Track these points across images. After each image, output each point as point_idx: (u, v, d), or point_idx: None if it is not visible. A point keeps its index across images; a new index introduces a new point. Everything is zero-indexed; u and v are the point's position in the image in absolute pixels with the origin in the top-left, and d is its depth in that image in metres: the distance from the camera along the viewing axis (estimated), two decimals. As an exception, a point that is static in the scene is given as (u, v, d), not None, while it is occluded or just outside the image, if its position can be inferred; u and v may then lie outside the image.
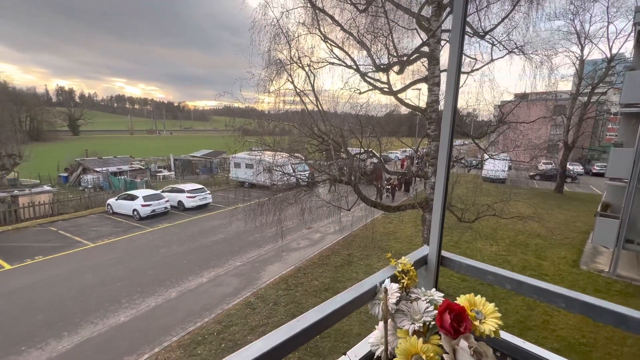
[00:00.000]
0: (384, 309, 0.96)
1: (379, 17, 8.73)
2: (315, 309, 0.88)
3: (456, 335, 0.80)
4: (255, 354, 0.71)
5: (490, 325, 0.84)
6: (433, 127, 8.88)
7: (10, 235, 15.21)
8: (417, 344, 0.85)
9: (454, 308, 0.83)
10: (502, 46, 8.81)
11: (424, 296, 1.03)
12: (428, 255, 1.25)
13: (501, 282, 1.10)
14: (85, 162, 27.65)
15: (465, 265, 1.21)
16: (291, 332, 0.79)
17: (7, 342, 7.71)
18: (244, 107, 10.78)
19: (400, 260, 1.10)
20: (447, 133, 1.16)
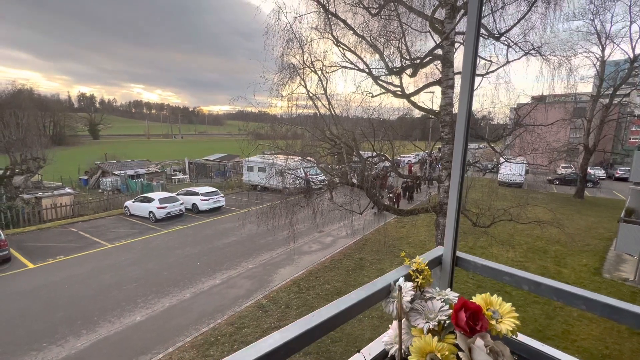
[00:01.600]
0: (398, 307, 0.96)
1: (392, 20, 8.73)
2: (331, 304, 0.89)
3: (472, 333, 0.80)
4: (272, 345, 0.72)
5: (508, 325, 0.83)
6: (447, 130, 8.76)
7: (34, 235, 15.83)
8: (432, 342, 0.85)
9: (470, 306, 0.82)
10: (518, 48, 8.65)
11: (439, 296, 1.03)
12: (442, 256, 1.24)
13: (518, 282, 1.08)
14: (104, 165, 28.57)
15: (481, 266, 1.19)
16: (307, 326, 0.80)
17: (29, 338, 8.00)
18: (257, 112, 10.94)
19: (415, 260, 1.10)
20: (462, 135, 1.16)
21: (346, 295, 0.94)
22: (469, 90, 1.14)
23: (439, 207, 9.05)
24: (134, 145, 71.89)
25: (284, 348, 0.74)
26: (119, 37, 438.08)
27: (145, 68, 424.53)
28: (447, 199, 8.87)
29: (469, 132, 1.19)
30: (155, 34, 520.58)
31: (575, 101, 22.30)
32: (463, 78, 1.16)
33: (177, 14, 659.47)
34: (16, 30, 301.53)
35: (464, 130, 1.17)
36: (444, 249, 1.25)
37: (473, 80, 1.16)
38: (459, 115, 1.18)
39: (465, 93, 1.15)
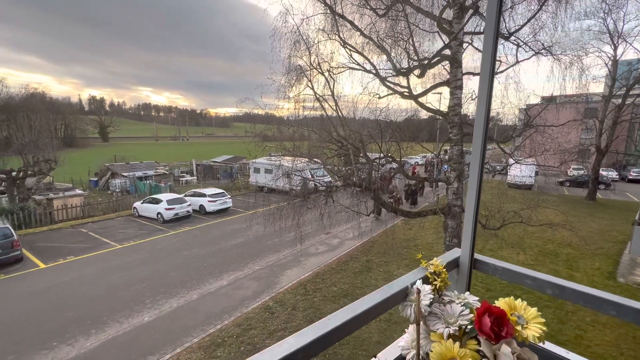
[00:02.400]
0: (417, 311, 0.92)
1: (399, 20, 8.68)
2: (346, 307, 0.86)
3: (497, 340, 0.76)
4: (288, 350, 0.70)
5: (534, 331, 0.79)
6: (455, 131, 8.66)
7: (45, 235, 16.10)
8: (453, 348, 0.82)
9: (494, 311, 0.78)
10: (528, 47, 8.52)
11: (458, 299, 0.99)
12: (460, 258, 1.21)
13: (541, 286, 1.04)
14: (113, 167, 28.97)
15: (501, 269, 1.15)
16: (323, 330, 0.77)
17: (40, 337, 8.11)
18: (264, 114, 10.97)
19: (432, 262, 1.06)
20: (481, 136, 1.13)
21: (362, 299, 0.91)
22: (487, 91, 1.12)
23: (447, 209, 8.94)
24: (142, 147, 72.84)
25: (300, 353, 0.71)
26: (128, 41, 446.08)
27: (154, 71, 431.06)
28: (455, 201, 8.78)
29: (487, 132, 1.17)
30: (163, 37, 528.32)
31: (587, 101, 21.88)
32: (481, 78, 1.14)
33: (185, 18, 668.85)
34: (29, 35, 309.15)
35: (482, 131, 1.14)
36: (461, 251, 1.21)
37: (492, 80, 1.13)
38: (477, 116, 1.16)
39: (484, 93, 1.12)
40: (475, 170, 1.18)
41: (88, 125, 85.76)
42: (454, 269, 1.21)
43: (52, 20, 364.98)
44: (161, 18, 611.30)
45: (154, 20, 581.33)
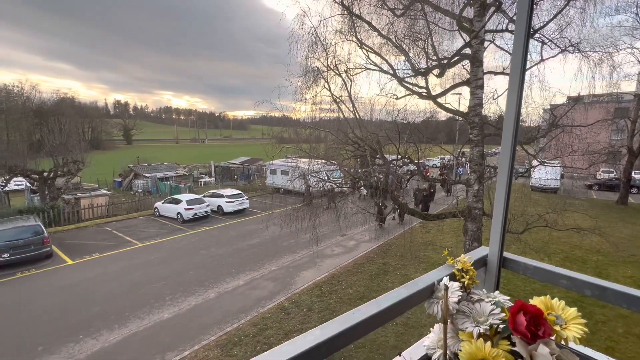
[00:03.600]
0: (444, 309, 0.89)
1: (418, 20, 8.56)
2: (372, 301, 0.84)
3: (533, 340, 0.72)
4: (313, 342, 0.68)
5: (575, 332, 0.74)
6: (476, 131, 8.43)
7: (73, 233, 16.85)
8: (485, 347, 0.78)
9: (530, 309, 0.74)
10: (553, 44, 8.19)
11: (488, 298, 0.95)
12: (488, 256, 1.15)
13: (579, 287, 0.98)
14: (136, 168, 30.03)
15: (533, 268, 1.09)
16: (348, 323, 0.75)
17: (68, 330, 8.46)
18: (280, 116, 11.06)
19: (459, 259, 1.02)
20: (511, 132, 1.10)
21: (386, 294, 0.89)
22: (518, 90, 1.09)
23: (467, 211, 8.69)
24: (163, 149, 75.17)
25: (325, 345, 0.70)
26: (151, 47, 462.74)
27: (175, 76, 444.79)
28: (476, 203, 8.53)
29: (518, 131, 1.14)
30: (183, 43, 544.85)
31: (618, 101, 20.79)
32: (511, 77, 1.11)
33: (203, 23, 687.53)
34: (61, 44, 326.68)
35: (513, 127, 1.11)
36: (489, 249, 1.16)
37: (522, 79, 1.11)
38: (506, 116, 1.14)
39: (514, 93, 1.09)
40: (505, 166, 1.13)
41: (113, 128, 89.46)
42: (481, 268, 1.17)
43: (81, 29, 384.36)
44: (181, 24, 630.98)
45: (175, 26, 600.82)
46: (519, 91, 1.09)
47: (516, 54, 1.09)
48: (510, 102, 1.12)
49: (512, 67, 1.12)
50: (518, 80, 1.09)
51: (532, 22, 1.09)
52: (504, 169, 1.13)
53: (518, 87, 1.09)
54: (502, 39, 8.90)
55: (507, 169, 1.10)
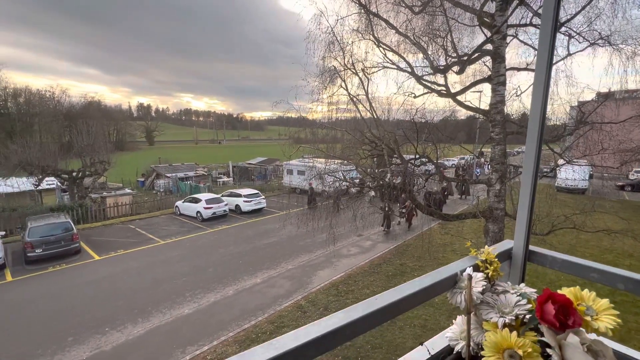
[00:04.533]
0: (468, 299, 0.88)
1: (437, 16, 8.41)
2: (393, 289, 0.84)
3: (562, 329, 0.70)
4: (336, 324, 0.70)
5: (607, 323, 0.72)
6: (497, 129, 8.18)
7: (99, 230, 17.62)
8: (510, 337, 0.76)
9: (559, 299, 0.72)
10: (582, 38, 7.84)
11: (513, 289, 0.93)
12: (513, 249, 1.13)
13: (611, 280, 0.94)
14: (158, 168, 31.03)
15: (561, 261, 1.06)
16: (370, 308, 0.76)
17: (95, 322, 8.86)
18: (297, 117, 11.14)
19: (483, 250, 1.01)
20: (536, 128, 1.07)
21: (409, 282, 0.89)
22: (544, 86, 1.06)
23: (488, 211, 8.45)
24: (183, 150, 77.27)
25: (349, 328, 0.71)
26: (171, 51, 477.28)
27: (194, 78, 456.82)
28: (497, 204, 8.28)
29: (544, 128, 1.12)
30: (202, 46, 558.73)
31: (652, 96, 19.59)
32: (537, 73, 1.09)
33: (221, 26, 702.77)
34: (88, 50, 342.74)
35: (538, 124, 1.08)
36: (514, 242, 1.13)
37: (549, 75, 1.08)
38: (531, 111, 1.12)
39: (540, 89, 1.07)
40: (532, 157, 1.10)
41: (136, 130, 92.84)
42: (505, 261, 1.14)
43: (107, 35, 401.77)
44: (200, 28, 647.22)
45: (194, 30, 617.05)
46: (545, 87, 1.07)
47: (542, 48, 1.06)
48: (535, 99, 1.09)
49: (537, 62, 1.10)
50: (544, 76, 1.06)
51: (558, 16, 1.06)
52: (530, 158, 1.10)
53: (544, 83, 1.06)
54: (526, 33, 8.61)
55: (534, 157, 1.08)
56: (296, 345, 0.64)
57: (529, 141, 1.12)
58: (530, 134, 1.11)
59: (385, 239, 15.37)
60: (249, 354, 0.60)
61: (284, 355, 0.61)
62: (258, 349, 0.62)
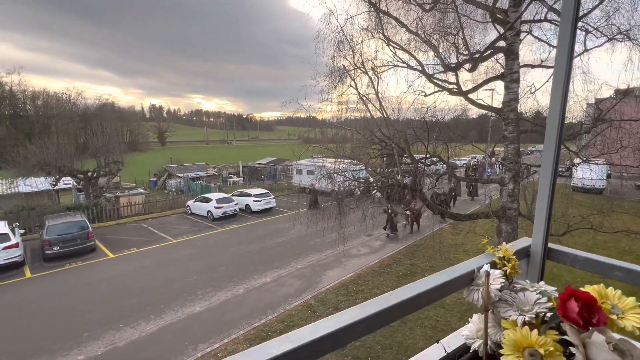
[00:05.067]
0: (485, 296, 0.86)
1: (448, 13, 8.30)
2: (409, 285, 0.83)
3: (586, 327, 0.68)
4: (352, 319, 0.69)
5: (634, 321, 0.69)
6: (511, 128, 8.02)
7: (113, 229, 18.02)
8: (531, 335, 0.74)
9: (582, 296, 0.70)
10: (599, 33, 7.62)
11: (532, 287, 0.91)
12: (531, 247, 1.10)
13: (637, 279, 0.91)
14: (170, 168, 31.54)
15: (583, 259, 1.03)
16: (385, 304, 0.75)
17: (109, 319, 9.06)
18: (306, 116, 11.16)
19: (500, 247, 0.98)
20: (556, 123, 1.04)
21: (424, 278, 0.88)
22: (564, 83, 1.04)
23: (501, 211, 8.29)
24: (194, 150, 78.31)
25: (363, 323, 0.70)
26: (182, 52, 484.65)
27: (204, 79, 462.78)
28: (511, 204, 8.12)
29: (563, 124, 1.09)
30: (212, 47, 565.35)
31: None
32: (556, 69, 1.06)
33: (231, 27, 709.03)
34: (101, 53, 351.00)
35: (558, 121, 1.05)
36: (532, 240, 1.11)
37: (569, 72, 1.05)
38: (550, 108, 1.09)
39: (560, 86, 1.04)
40: (551, 152, 1.08)
41: (148, 131, 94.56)
42: (523, 259, 1.11)
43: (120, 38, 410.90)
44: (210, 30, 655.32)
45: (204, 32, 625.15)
46: (564, 84, 1.04)
47: (562, 44, 1.03)
48: (555, 96, 1.07)
49: (557, 58, 1.07)
50: (564, 73, 1.03)
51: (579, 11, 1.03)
52: (550, 154, 1.07)
53: (564, 80, 1.04)
54: (541, 29, 8.41)
55: (553, 152, 1.05)
56: (312, 339, 0.63)
57: (548, 136, 1.09)
58: (550, 129, 1.09)
59: (396, 239, 15.24)
60: (265, 347, 0.60)
61: (300, 348, 0.61)
62: (274, 342, 0.62)
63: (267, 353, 0.58)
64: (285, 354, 0.59)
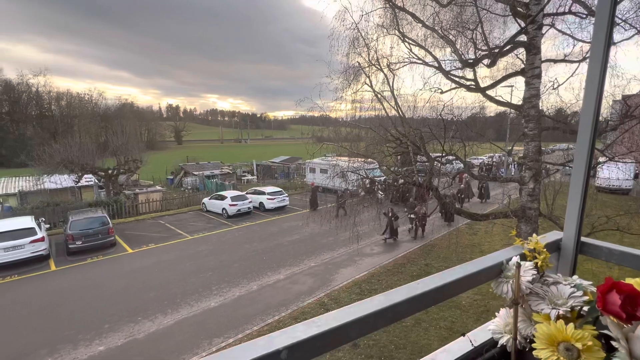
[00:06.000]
0: (516, 288, 0.82)
1: (466, 7, 8.10)
2: (435, 275, 0.81)
3: (629, 321, 0.64)
4: (377, 306, 0.68)
5: (682, 316, 0.64)
6: (532, 125, 7.76)
7: (132, 225, 18.56)
8: (566, 329, 0.71)
9: (624, 288, 0.66)
10: (628, 25, 7.27)
11: (565, 281, 0.86)
12: (562, 241, 1.05)
13: None
14: (186, 166, 32.21)
15: (619, 253, 0.97)
16: (411, 293, 0.74)
17: (128, 312, 9.34)
18: (319, 115, 11.14)
19: (530, 239, 0.95)
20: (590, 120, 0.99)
21: (451, 269, 0.85)
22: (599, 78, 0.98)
23: (520, 211, 8.05)
24: (209, 149, 79.67)
25: (390, 311, 0.69)
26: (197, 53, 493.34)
27: (219, 79, 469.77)
28: (531, 203, 7.87)
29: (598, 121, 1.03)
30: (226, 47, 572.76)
31: None
32: (591, 63, 1.00)
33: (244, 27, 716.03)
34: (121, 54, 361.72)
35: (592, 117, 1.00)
36: (563, 234, 1.06)
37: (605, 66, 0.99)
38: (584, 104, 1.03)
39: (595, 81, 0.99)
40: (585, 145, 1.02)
41: (165, 130, 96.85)
42: (553, 253, 1.07)
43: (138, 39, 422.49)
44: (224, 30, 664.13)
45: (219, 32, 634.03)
46: (599, 79, 0.99)
47: (597, 37, 0.97)
48: (589, 91, 1.01)
49: (591, 52, 1.01)
50: (599, 67, 0.98)
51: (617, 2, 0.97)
52: (584, 147, 1.02)
53: (599, 75, 0.98)
54: (564, 22, 8.09)
55: (588, 145, 1.00)
56: (338, 324, 0.62)
57: (582, 129, 1.04)
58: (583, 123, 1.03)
59: (411, 238, 15.03)
60: (292, 330, 0.60)
61: (326, 333, 0.60)
62: (300, 325, 0.62)
63: (294, 336, 0.58)
64: (311, 338, 0.58)
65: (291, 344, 0.56)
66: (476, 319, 8.53)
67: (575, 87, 8.34)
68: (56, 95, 62.49)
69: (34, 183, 21.04)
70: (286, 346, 0.55)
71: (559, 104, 9.31)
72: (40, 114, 61.31)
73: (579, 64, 7.83)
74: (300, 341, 0.57)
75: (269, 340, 0.57)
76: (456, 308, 8.97)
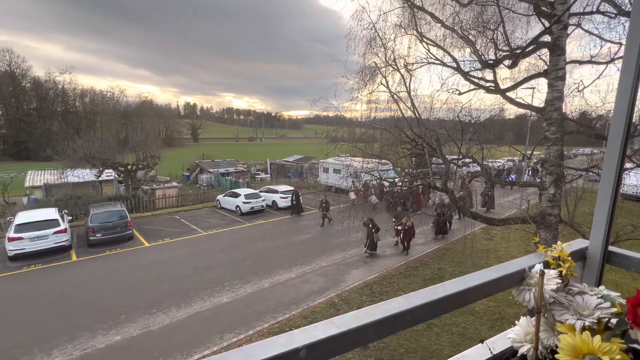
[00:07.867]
0: (539, 297, 0.80)
1: (488, 6, 7.92)
2: (456, 279, 0.80)
3: (661, 336, 0.61)
4: (397, 309, 0.68)
5: None
6: (554, 128, 7.51)
7: (149, 219, 19.06)
8: (592, 341, 0.68)
9: (657, 301, 0.63)
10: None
11: (592, 291, 0.83)
12: (588, 249, 1.02)
13: None
14: (201, 164, 32.81)
15: None
16: (431, 297, 0.73)
17: (143, 304, 9.60)
18: (334, 115, 11.13)
19: (555, 246, 0.92)
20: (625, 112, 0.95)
21: (472, 274, 0.84)
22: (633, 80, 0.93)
23: (540, 217, 7.80)
24: (225, 147, 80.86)
25: (410, 314, 0.68)
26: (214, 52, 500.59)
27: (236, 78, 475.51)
28: (551, 209, 7.62)
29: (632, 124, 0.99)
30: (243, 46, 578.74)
31: None
32: (625, 63, 0.95)
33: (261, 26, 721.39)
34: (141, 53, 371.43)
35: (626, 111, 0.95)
36: (589, 242, 1.02)
37: None
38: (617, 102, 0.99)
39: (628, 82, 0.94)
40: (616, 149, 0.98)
41: (183, 128, 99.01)
42: (578, 262, 1.03)
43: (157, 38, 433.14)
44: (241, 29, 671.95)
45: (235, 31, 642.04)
46: (634, 81, 0.94)
47: (633, 36, 0.93)
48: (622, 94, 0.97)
49: (626, 52, 0.96)
50: (634, 69, 0.93)
51: None
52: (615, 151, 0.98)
53: (633, 77, 0.94)
54: (591, 22, 7.80)
55: (619, 149, 0.96)
56: (357, 325, 0.62)
57: (613, 132, 1.00)
58: (615, 126, 0.99)
59: (424, 241, 14.82)
60: (312, 329, 0.60)
61: (345, 333, 0.61)
62: (319, 325, 0.62)
63: (314, 335, 0.58)
64: (330, 338, 0.59)
65: (310, 343, 0.57)
66: (490, 326, 8.33)
67: (602, 89, 8.02)
68: (80, 92, 64.97)
69: (58, 176, 21.90)
70: (305, 345, 0.56)
71: (583, 106, 8.98)
72: (66, 110, 63.85)
73: (607, 65, 7.51)
74: (319, 340, 0.58)
75: (289, 338, 0.58)
76: (469, 314, 8.79)
